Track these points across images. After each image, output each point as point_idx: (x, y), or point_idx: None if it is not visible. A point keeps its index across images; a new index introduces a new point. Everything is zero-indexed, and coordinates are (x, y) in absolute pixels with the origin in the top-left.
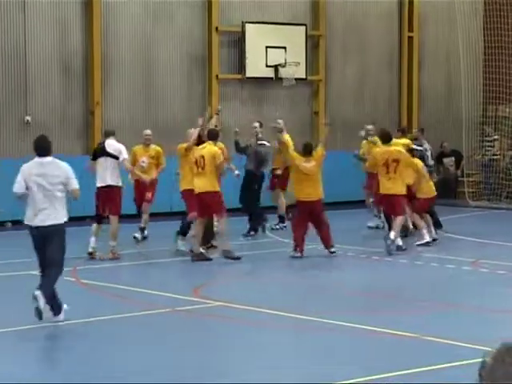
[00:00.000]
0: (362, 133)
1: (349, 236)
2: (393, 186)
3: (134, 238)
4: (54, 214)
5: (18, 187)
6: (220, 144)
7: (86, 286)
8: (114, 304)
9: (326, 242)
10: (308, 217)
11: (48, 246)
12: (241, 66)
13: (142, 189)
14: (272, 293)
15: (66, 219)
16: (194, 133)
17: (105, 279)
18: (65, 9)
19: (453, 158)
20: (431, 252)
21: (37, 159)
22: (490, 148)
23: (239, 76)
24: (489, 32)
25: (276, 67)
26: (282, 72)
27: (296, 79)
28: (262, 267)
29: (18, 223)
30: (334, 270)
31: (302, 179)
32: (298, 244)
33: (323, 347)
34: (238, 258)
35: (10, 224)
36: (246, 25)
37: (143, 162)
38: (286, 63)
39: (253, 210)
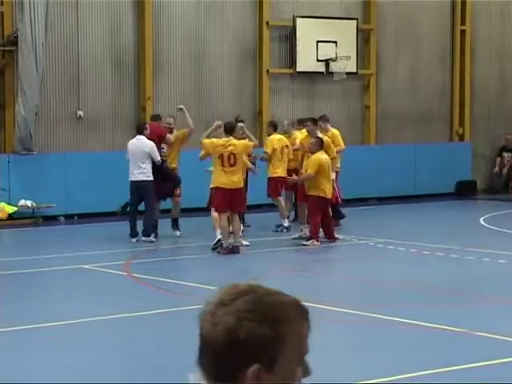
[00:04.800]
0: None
1: (400, 230)
2: None
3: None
4: None
5: None
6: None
7: (138, 280)
8: (163, 298)
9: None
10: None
11: None
12: (291, 61)
13: None
14: (324, 287)
15: None
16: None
17: (156, 273)
18: (117, 4)
19: (510, 154)
20: (482, 247)
21: None
22: None
23: (290, 70)
24: None
25: (327, 61)
26: (333, 66)
27: (347, 73)
28: (310, 261)
29: (70, 217)
30: (383, 263)
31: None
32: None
33: (376, 342)
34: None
35: (62, 218)
36: (297, 19)
37: (162, 148)
38: (336, 57)
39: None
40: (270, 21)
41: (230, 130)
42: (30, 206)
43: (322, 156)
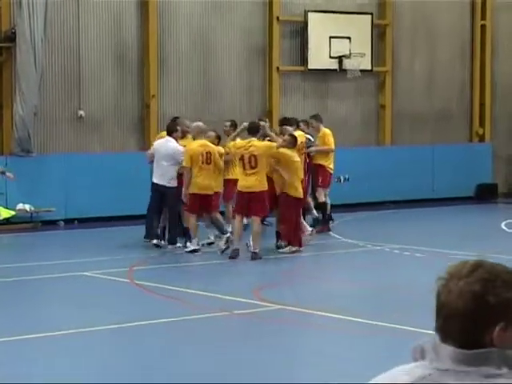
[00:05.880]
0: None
1: (416, 235)
2: None
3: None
4: None
5: None
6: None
7: (141, 288)
8: (169, 306)
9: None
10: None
11: None
12: (303, 58)
13: None
14: (337, 294)
15: None
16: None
17: (160, 280)
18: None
19: None
20: (504, 253)
21: None
22: None
23: (301, 68)
24: None
25: (340, 58)
26: (347, 63)
27: (361, 71)
28: (326, 267)
29: (70, 222)
30: (399, 270)
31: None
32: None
33: (390, 353)
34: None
35: (62, 223)
36: (309, 14)
37: None
38: (350, 54)
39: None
40: (281, 16)
41: (253, 130)
42: (28, 210)
43: (291, 153)
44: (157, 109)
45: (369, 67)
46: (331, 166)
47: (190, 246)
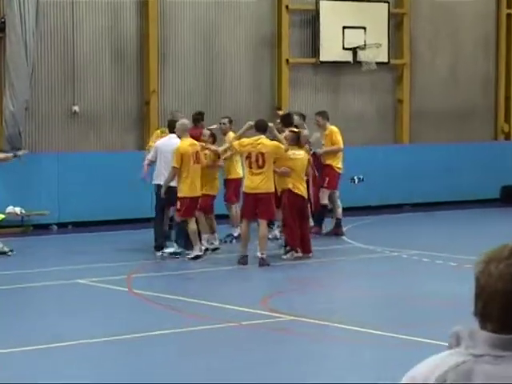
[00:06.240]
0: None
1: (437, 240)
2: None
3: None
4: None
5: None
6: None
7: (140, 297)
8: (170, 317)
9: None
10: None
11: None
12: (314, 49)
13: None
14: (351, 304)
15: None
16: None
17: (161, 289)
18: None
19: None
20: None
21: None
22: None
23: (312, 60)
24: None
25: (354, 50)
26: (361, 55)
27: (377, 63)
28: (336, 275)
29: (64, 226)
30: (418, 278)
31: None
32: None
33: (405, 366)
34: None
35: (55, 227)
36: (321, 2)
37: None
38: (365, 45)
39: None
40: (290, 4)
41: (261, 127)
42: (18, 213)
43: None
44: (157, 105)
45: (385, 59)
46: (339, 165)
47: (193, 253)
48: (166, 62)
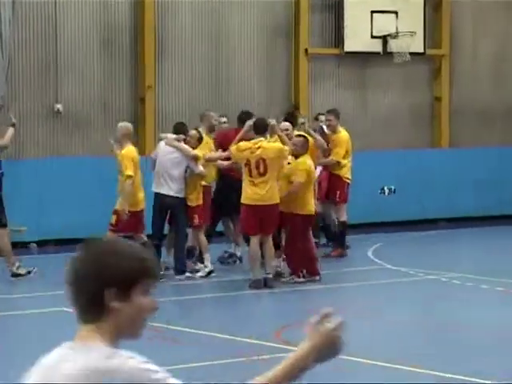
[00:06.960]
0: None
1: (481, 262)
2: None
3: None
4: None
5: None
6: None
7: None
8: (174, 351)
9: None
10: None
11: None
12: (338, 38)
13: None
14: (379, 336)
15: None
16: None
17: (161, 319)
18: None
19: None
20: None
21: None
22: None
23: (336, 50)
24: None
25: (384, 38)
26: (393, 45)
27: (411, 54)
28: (365, 301)
29: (44, 244)
30: (461, 306)
31: None
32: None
33: None
34: None
35: (35, 245)
36: None
37: None
38: (397, 33)
39: None
40: None
41: (260, 128)
42: None
43: (308, 161)
44: (154, 103)
45: (421, 49)
46: (347, 175)
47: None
48: (163, 52)
